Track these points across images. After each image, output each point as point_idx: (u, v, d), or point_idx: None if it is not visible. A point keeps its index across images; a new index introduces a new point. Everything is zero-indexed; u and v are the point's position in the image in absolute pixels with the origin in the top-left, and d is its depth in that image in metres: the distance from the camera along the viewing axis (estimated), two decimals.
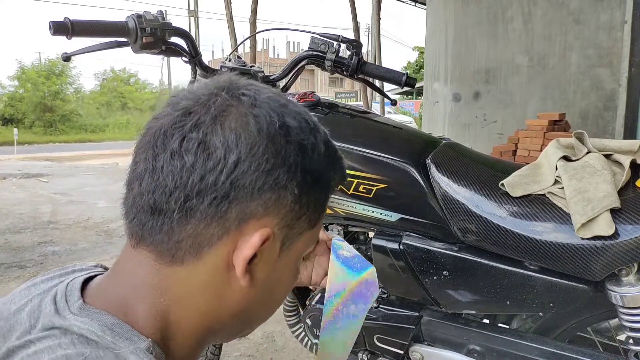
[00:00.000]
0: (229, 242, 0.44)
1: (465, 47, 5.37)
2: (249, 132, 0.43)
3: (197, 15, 10.05)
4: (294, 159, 0.44)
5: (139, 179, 0.44)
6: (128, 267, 0.46)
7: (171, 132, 0.43)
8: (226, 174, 0.42)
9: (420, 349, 1.02)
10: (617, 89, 4.17)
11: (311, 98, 1.16)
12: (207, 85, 0.47)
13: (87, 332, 0.41)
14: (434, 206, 0.95)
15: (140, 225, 0.44)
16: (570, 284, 0.85)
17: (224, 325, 0.49)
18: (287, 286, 0.53)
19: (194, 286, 0.45)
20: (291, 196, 0.45)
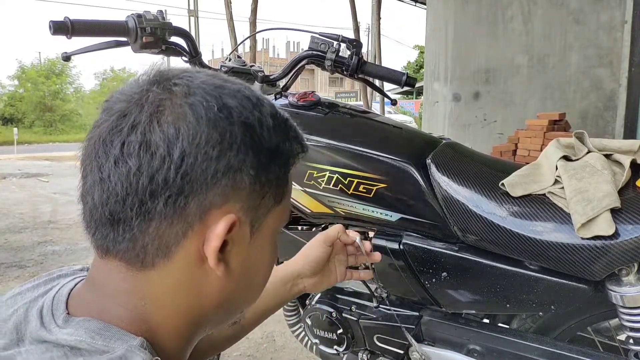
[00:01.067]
0: (196, 237, 0.43)
1: (465, 47, 5.37)
2: (188, 122, 0.41)
3: (197, 15, 10.05)
4: (241, 139, 0.43)
5: (90, 192, 0.43)
6: (102, 277, 0.45)
7: (110, 139, 0.41)
8: (174, 170, 0.40)
9: (421, 349, 1.02)
10: (617, 89, 4.17)
11: (311, 98, 1.16)
12: (137, 81, 0.45)
13: (75, 342, 0.40)
14: (434, 206, 0.95)
15: (103, 237, 0.43)
16: (570, 284, 0.85)
17: (209, 317, 0.48)
18: (268, 266, 0.52)
19: (170, 287, 0.44)
20: (248, 178, 0.43)
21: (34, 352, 0.40)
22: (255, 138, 0.44)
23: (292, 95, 1.19)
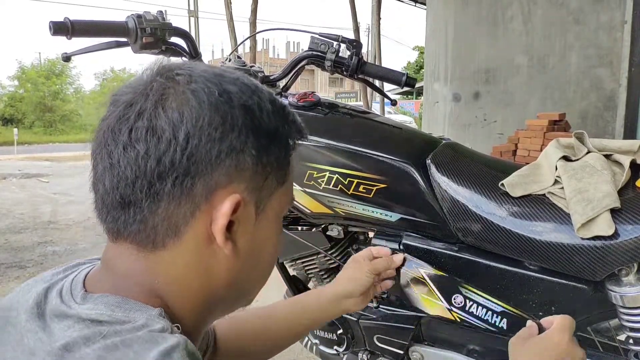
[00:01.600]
0: (204, 217, 0.45)
1: (465, 47, 5.37)
2: (191, 106, 0.43)
3: (197, 15, 10.05)
4: (242, 121, 0.45)
5: (101, 179, 0.45)
6: (115, 259, 0.47)
7: (118, 127, 0.44)
8: (180, 151, 0.42)
9: (420, 349, 1.02)
10: (617, 89, 4.17)
11: (311, 98, 1.16)
12: (142, 75, 0.48)
13: (96, 315, 0.42)
14: (434, 206, 0.95)
15: (114, 221, 0.45)
16: (570, 284, 0.85)
17: (221, 297, 0.50)
18: (272, 249, 0.54)
19: (181, 266, 0.46)
20: (250, 158, 0.46)
21: (57, 327, 0.42)
22: (255, 120, 0.46)
23: (292, 96, 1.19)
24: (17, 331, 0.43)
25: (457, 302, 0.93)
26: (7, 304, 0.47)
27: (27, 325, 0.43)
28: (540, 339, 0.68)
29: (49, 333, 0.41)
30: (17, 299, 0.47)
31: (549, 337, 0.67)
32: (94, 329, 0.40)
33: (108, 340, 0.39)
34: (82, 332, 0.40)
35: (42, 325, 0.43)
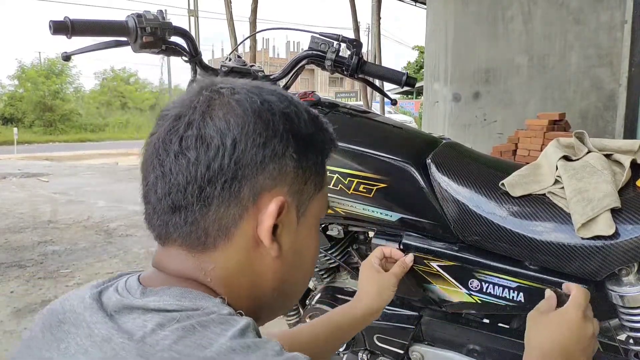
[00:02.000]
0: (251, 219, 0.47)
1: (465, 47, 5.37)
2: (237, 114, 0.47)
3: (197, 15, 10.05)
4: (283, 127, 0.48)
5: (153, 188, 0.48)
6: (166, 260, 0.49)
7: (169, 138, 0.47)
8: (228, 156, 0.45)
9: (420, 349, 1.02)
10: (617, 89, 4.17)
11: (311, 97, 1.16)
12: (188, 91, 0.51)
13: (164, 305, 0.43)
14: (434, 206, 0.95)
15: (165, 225, 0.48)
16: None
17: (267, 301, 0.53)
18: (313, 253, 0.57)
19: (232, 266, 0.48)
20: (292, 162, 0.49)
21: (125, 318, 0.43)
22: (294, 127, 0.50)
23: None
24: (82, 326, 0.44)
25: (474, 287, 0.93)
26: (59, 308, 0.47)
27: (93, 318, 0.44)
28: (555, 315, 0.73)
29: (119, 323, 0.43)
30: (69, 303, 0.47)
31: (563, 313, 0.72)
32: (165, 316, 0.42)
33: (183, 323, 0.41)
34: (154, 319, 0.42)
35: (109, 317, 0.44)
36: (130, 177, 8.03)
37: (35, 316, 0.51)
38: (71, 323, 0.45)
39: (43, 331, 0.46)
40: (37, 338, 0.46)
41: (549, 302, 0.76)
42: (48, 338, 0.45)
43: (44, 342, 0.45)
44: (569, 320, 0.71)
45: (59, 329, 0.45)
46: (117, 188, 6.85)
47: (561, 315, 0.72)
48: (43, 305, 2.74)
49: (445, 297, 0.98)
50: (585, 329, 0.71)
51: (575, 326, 0.70)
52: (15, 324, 2.51)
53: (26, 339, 0.47)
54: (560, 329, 0.71)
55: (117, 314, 0.44)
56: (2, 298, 2.85)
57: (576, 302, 0.72)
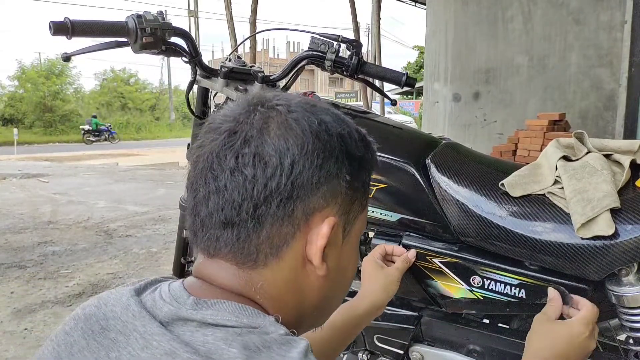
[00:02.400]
0: (301, 238, 0.48)
1: (465, 47, 5.37)
2: (296, 134, 0.47)
3: (197, 15, 10.06)
4: (339, 149, 0.49)
5: (204, 202, 0.47)
6: (214, 274, 0.49)
7: (224, 153, 0.46)
8: (285, 176, 0.45)
9: (420, 349, 1.02)
10: (617, 89, 4.17)
11: (311, 98, 1.16)
12: (240, 105, 0.51)
13: (222, 320, 0.43)
14: (434, 206, 0.95)
15: (215, 239, 0.48)
16: (570, 284, 0.85)
17: (308, 316, 0.53)
18: (353, 271, 0.58)
19: (280, 284, 0.49)
20: (344, 183, 0.49)
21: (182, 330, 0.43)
22: (348, 148, 0.50)
23: None
24: (134, 337, 0.43)
25: (475, 283, 0.93)
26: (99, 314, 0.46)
27: (147, 329, 0.43)
28: (561, 326, 0.75)
29: (178, 335, 0.42)
30: (110, 309, 0.46)
31: (570, 327, 0.75)
32: (227, 331, 0.42)
33: (246, 340, 0.41)
34: (215, 334, 0.42)
35: (166, 329, 0.43)
36: (130, 177, 8.04)
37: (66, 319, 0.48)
38: (118, 331, 0.44)
39: (86, 338, 0.44)
40: (80, 344, 0.44)
41: (554, 306, 0.79)
42: (94, 346, 0.43)
43: (89, 350, 0.43)
44: (573, 335, 0.74)
45: (104, 337, 0.44)
46: (117, 188, 6.85)
47: (568, 328, 0.75)
48: (43, 305, 2.74)
49: (447, 293, 0.98)
50: (586, 347, 0.74)
51: (577, 342, 0.73)
52: (16, 324, 2.51)
53: (64, 343, 0.45)
54: (563, 342, 0.73)
55: (171, 325, 0.43)
56: (2, 298, 2.85)
57: (585, 320, 0.75)
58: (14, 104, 23.62)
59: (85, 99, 27.26)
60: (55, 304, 2.76)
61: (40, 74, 23.98)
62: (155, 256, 3.63)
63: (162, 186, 7.08)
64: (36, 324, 2.51)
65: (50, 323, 2.52)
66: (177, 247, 1.83)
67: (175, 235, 1.91)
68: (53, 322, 2.53)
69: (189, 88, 1.30)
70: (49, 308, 2.71)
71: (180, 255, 1.81)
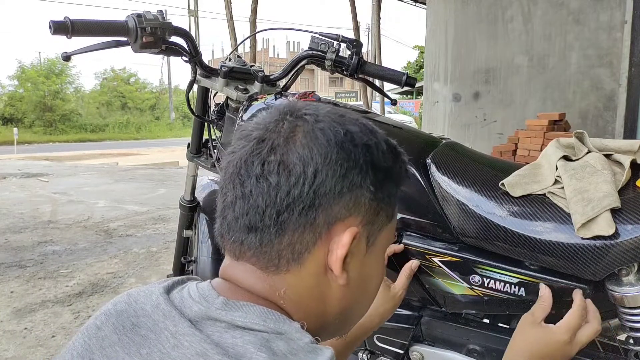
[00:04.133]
0: (323, 246, 0.48)
1: (465, 47, 5.37)
2: (320, 144, 0.47)
3: (197, 15, 10.05)
4: (363, 159, 0.49)
5: (231, 206, 0.49)
6: (240, 275, 0.50)
7: (251, 160, 0.48)
8: (308, 184, 0.46)
9: (420, 349, 1.02)
10: (617, 89, 4.17)
11: (311, 98, 1.16)
12: (271, 114, 0.52)
13: (250, 324, 0.44)
14: (434, 206, 0.95)
15: (239, 242, 0.49)
16: (570, 283, 0.85)
17: (329, 325, 0.54)
18: (378, 282, 0.58)
19: (303, 290, 0.49)
20: (368, 194, 0.50)
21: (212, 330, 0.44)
22: (374, 158, 0.50)
23: (292, 95, 1.19)
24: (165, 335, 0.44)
25: (475, 281, 0.93)
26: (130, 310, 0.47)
27: (178, 329, 0.44)
28: (543, 331, 0.77)
29: (208, 336, 0.43)
30: (140, 306, 0.47)
31: (551, 333, 0.77)
32: (256, 335, 0.43)
33: (274, 346, 0.42)
34: (244, 338, 0.43)
35: (196, 329, 0.44)
36: (130, 177, 8.04)
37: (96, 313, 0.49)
38: (149, 328, 0.45)
39: (117, 333, 0.45)
40: (112, 339, 0.45)
41: (543, 306, 0.81)
42: (125, 341, 0.44)
43: (121, 345, 0.44)
44: (553, 342, 0.76)
45: (135, 333, 0.45)
46: (117, 188, 6.85)
47: (549, 334, 0.77)
48: (43, 305, 2.74)
49: (447, 290, 0.98)
50: (566, 354, 0.76)
51: (556, 347, 0.76)
52: (15, 323, 2.51)
53: (95, 337, 0.46)
54: (541, 346, 0.76)
55: (199, 324, 0.44)
56: (2, 298, 2.85)
57: (567, 327, 0.77)
58: (14, 103, 23.62)
59: (85, 98, 27.25)
60: (55, 304, 2.76)
61: (40, 74, 23.98)
62: (155, 256, 3.63)
63: (162, 186, 7.08)
64: (36, 324, 2.51)
65: (50, 322, 2.52)
66: (177, 246, 1.84)
67: (175, 234, 1.91)
68: (53, 321, 2.53)
69: (189, 87, 1.30)
70: (49, 307, 2.71)
71: (180, 255, 1.81)
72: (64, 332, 2.42)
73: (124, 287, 3.02)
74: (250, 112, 1.23)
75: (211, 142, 1.53)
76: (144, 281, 3.12)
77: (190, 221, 1.75)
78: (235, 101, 1.31)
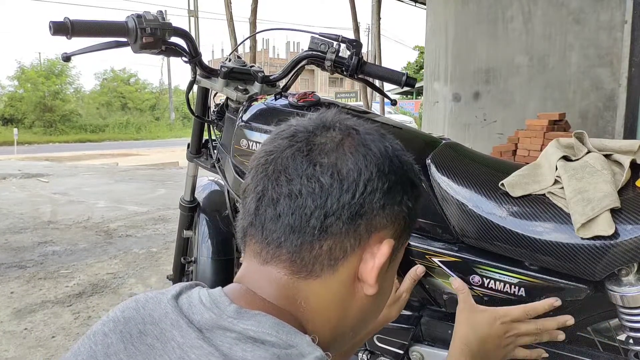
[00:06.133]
0: (358, 255, 0.49)
1: (465, 47, 5.37)
2: (374, 154, 0.49)
3: (197, 15, 10.05)
4: (407, 176, 0.51)
5: (271, 204, 0.48)
6: (261, 281, 0.49)
7: (300, 160, 0.48)
8: (359, 192, 0.47)
9: (420, 349, 1.02)
10: (617, 89, 4.17)
11: (311, 98, 1.16)
12: (314, 120, 0.52)
13: (262, 335, 0.43)
14: (434, 206, 0.95)
15: (277, 244, 0.48)
16: (570, 283, 0.85)
17: (343, 336, 0.53)
18: (389, 295, 0.59)
19: (327, 298, 0.49)
20: (405, 208, 0.51)
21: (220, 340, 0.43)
22: (412, 176, 0.53)
23: (292, 96, 1.19)
24: (171, 345, 0.43)
25: (475, 282, 0.93)
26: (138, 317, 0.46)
27: (185, 340, 0.43)
28: (481, 311, 0.81)
29: (216, 347, 0.42)
30: (148, 313, 0.46)
31: (490, 311, 0.81)
32: (267, 350, 0.42)
33: None
34: (255, 352, 0.41)
35: (204, 340, 0.43)
36: (130, 177, 8.04)
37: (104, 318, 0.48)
38: (155, 337, 0.44)
39: (124, 341, 0.45)
40: (117, 347, 0.44)
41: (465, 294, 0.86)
42: (131, 350, 0.44)
43: (126, 354, 0.44)
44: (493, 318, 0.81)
45: (141, 342, 0.44)
46: (117, 188, 6.85)
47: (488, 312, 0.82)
48: (43, 305, 2.74)
49: (447, 290, 0.98)
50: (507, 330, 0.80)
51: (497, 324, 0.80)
52: (16, 324, 2.51)
53: (101, 343, 0.45)
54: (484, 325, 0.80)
55: (209, 332, 0.44)
56: (2, 298, 2.85)
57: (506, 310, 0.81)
58: (13, 103, 23.62)
59: (85, 99, 27.25)
60: (55, 304, 2.76)
61: (40, 74, 23.98)
62: (155, 256, 3.63)
63: (162, 186, 7.08)
64: (36, 324, 2.51)
65: (50, 323, 2.52)
66: (177, 247, 1.84)
67: (175, 235, 1.91)
68: (53, 322, 2.53)
69: (189, 88, 1.30)
70: (49, 308, 2.71)
71: (180, 255, 1.81)
72: (64, 332, 2.42)
73: (124, 287, 3.02)
74: (250, 112, 1.23)
75: (211, 142, 1.53)
76: (144, 281, 3.12)
77: (190, 221, 1.75)
78: (235, 102, 1.31)
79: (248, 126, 1.19)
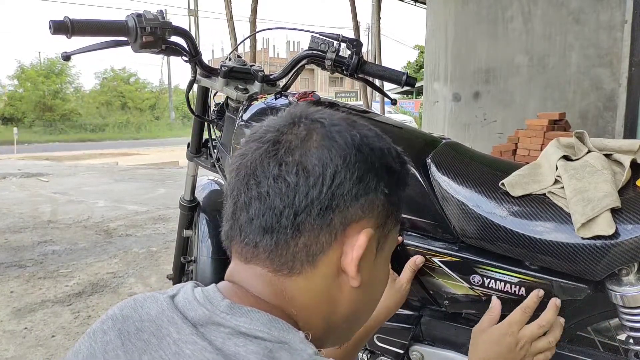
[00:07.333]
0: (337, 248, 0.49)
1: (465, 47, 5.37)
2: (339, 146, 0.48)
3: (197, 15, 10.05)
4: (379, 163, 0.50)
5: (245, 207, 0.49)
6: (249, 280, 0.49)
7: (267, 161, 0.48)
8: (327, 186, 0.47)
9: (420, 349, 1.02)
10: (617, 89, 4.17)
11: (311, 97, 1.16)
12: (283, 117, 0.52)
13: (255, 331, 0.44)
14: (434, 206, 0.95)
15: (253, 245, 0.48)
16: (570, 283, 0.85)
17: (337, 328, 0.53)
18: (384, 286, 0.59)
19: (313, 294, 0.49)
20: (382, 196, 0.50)
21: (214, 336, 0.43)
22: (387, 162, 0.52)
23: (292, 95, 1.19)
24: (167, 341, 0.43)
25: (475, 281, 0.93)
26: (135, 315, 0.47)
27: (181, 336, 0.44)
28: (492, 330, 0.83)
29: (210, 342, 0.43)
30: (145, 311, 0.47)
31: (499, 329, 0.81)
32: (259, 344, 0.42)
33: (277, 355, 0.42)
34: (247, 347, 0.42)
35: (198, 335, 0.43)
36: (130, 177, 8.04)
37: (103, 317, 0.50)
38: (151, 333, 0.45)
39: (122, 338, 0.45)
40: (115, 344, 0.45)
41: (491, 317, 0.85)
42: (128, 346, 0.44)
43: (123, 350, 0.44)
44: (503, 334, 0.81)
45: (138, 338, 0.45)
46: (117, 188, 6.85)
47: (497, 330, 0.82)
48: (43, 305, 2.74)
49: (448, 290, 0.98)
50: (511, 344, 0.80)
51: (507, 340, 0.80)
52: (15, 323, 2.51)
53: (100, 341, 0.46)
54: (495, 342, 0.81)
55: (203, 327, 0.44)
56: (2, 298, 2.85)
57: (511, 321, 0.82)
58: (13, 103, 23.61)
59: (85, 98, 27.25)
60: (55, 303, 2.76)
61: (40, 73, 23.98)
62: (155, 255, 3.63)
63: (162, 185, 7.08)
64: (36, 324, 2.51)
65: (50, 322, 2.52)
66: (177, 246, 1.84)
67: (175, 234, 1.90)
68: (53, 321, 2.53)
69: (189, 87, 1.30)
70: (49, 307, 2.71)
71: (180, 255, 1.81)
72: (64, 332, 2.42)
73: (123, 287, 3.02)
74: (250, 112, 1.23)
75: (211, 141, 1.53)
76: (144, 281, 3.12)
77: (190, 221, 1.75)
78: (235, 101, 1.31)
79: (248, 125, 1.19)
